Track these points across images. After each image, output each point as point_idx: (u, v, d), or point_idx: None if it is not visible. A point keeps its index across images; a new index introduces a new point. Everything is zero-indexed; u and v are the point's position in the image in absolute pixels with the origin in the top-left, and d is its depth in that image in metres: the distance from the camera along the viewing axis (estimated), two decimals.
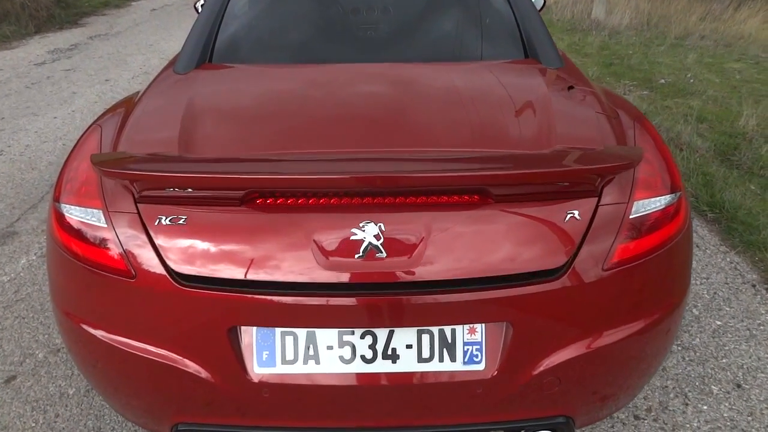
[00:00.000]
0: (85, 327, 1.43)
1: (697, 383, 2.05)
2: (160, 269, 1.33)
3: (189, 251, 1.32)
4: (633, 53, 6.77)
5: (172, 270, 1.32)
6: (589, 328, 1.39)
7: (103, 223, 1.38)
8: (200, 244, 1.31)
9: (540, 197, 1.35)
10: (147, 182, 1.33)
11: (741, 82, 5.65)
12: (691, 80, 5.67)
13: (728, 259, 2.80)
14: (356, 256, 1.28)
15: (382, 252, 1.28)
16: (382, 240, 1.28)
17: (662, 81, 5.70)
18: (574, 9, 9.13)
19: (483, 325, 1.34)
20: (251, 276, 1.29)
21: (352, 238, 1.28)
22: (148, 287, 1.35)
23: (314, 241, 1.29)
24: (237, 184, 1.29)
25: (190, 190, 1.31)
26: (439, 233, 1.30)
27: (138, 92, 1.99)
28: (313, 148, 1.49)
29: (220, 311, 1.33)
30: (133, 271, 1.35)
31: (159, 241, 1.33)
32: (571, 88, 1.82)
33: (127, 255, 1.35)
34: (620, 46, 7.17)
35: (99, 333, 1.41)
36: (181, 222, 1.32)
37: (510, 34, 2.20)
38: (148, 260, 1.34)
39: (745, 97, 5.03)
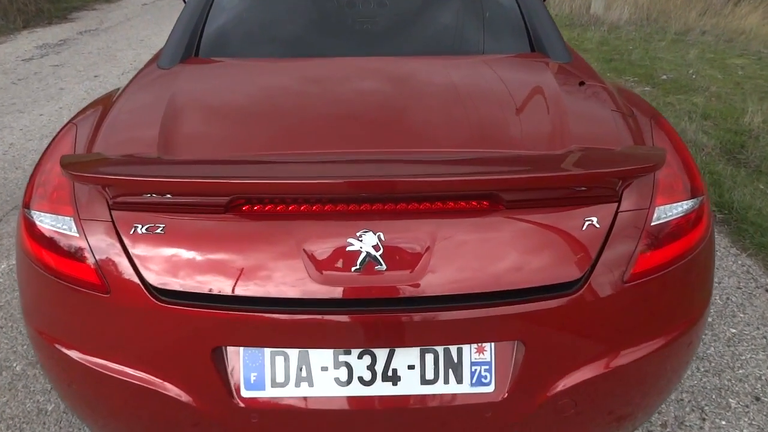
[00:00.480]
0: (58, 347, 1.31)
1: (713, 396, 1.94)
2: (136, 284, 1.20)
3: (168, 264, 1.19)
4: (633, 49, 6.65)
5: (150, 284, 1.20)
6: (607, 345, 1.28)
7: (74, 233, 1.26)
8: (180, 256, 1.19)
9: (555, 203, 1.23)
10: (120, 187, 1.21)
11: (744, 78, 5.54)
12: (694, 76, 5.56)
13: (740, 262, 2.69)
14: (353, 269, 1.16)
15: (381, 264, 1.16)
16: (381, 251, 1.16)
17: (664, 77, 5.59)
18: (572, 4, 9.01)
19: (492, 344, 1.22)
20: (237, 291, 1.17)
21: (349, 249, 1.16)
22: (124, 303, 1.23)
23: (306, 252, 1.17)
24: (221, 190, 1.17)
25: (168, 195, 1.19)
26: (445, 243, 1.18)
27: (119, 88, 1.86)
28: (305, 149, 1.37)
29: (203, 330, 1.21)
30: (107, 285, 1.22)
31: (135, 252, 1.20)
32: (582, 83, 1.70)
33: (100, 268, 1.22)
34: (620, 42, 7.06)
35: (73, 353, 1.29)
36: (159, 231, 1.20)
37: (515, 26, 2.07)
38: (124, 274, 1.21)
39: (749, 94, 4.93)
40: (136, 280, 1.20)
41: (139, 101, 1.64)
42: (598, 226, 1.23)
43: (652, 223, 1.28)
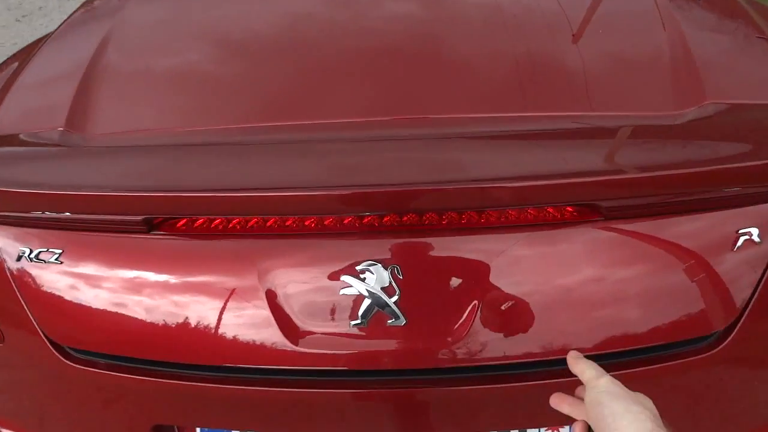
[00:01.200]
0: None
1: None
2: (35, 335, 0.80)
3: (69, 311, 0.78)
4: None
5: (50, 338, 0.79)
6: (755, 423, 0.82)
7: None
8: (87, 298, 0.77)
9: (684, 207, 0.74)
10: None
11: None
12: None
13: None
14: (352, 323, 0.72)
15: (398, 317, 0.71)
16: (398, 296, 0.71)
17: None
18: None
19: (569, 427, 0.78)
20: (175, 353, 0.76)
21: (344, 292, 0.71)
22: (23, 357, 0.84)
23: (274, 295, 0.73)
24: (137, 206, 0.72)
25: (67, 213, 0.76)
26: (504, 281, 0.71)
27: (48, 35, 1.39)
28: (286, 120, 0.89)
29: (135, 403, 0.81)
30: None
31: (25, 291, 0.79)
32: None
33: None
34: None
35: None
36: (54, 260, 0.78)
37: None
38: (17, 319, 0.81)
39: None
40: (36, 330, 0.80)
41: (64, 48, 1.17)
42: (759, 240, 0.74)
43: None
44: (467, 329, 0.71)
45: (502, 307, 0.71)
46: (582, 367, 0.57)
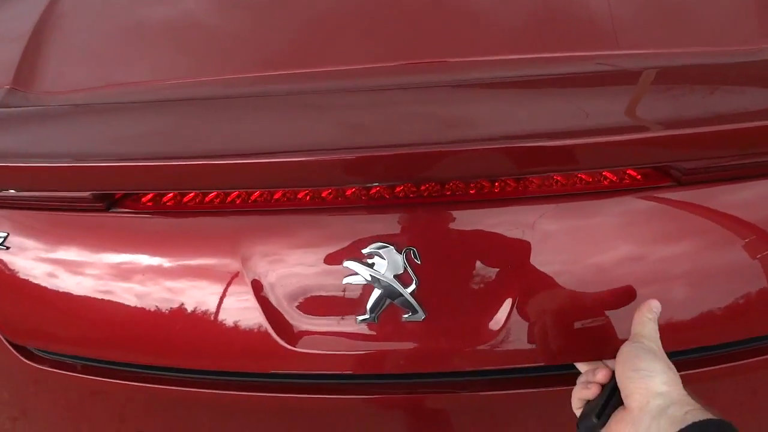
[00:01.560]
0: None
1: None
2: None
3: (19, 304, 0.65)
4: None
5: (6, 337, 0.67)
6: None
7: None
8: (39, 289, 0.64)
9: None
10: None
11: None
12: None
13: None
14: (360, 319, 0.58)
15: (416, 311, 0.57)
16: (415, 285, 0.57)
17: None
18: None
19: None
20: (143, 353, 0.63)
21: (348, 281, 0.57)
22: None
23: (264, 287, 0.59)
24: (96, 179, 0.58)
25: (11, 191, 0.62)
26: (547, 265, 0.57)
27: None
28: (273, 69, 0.72)
29: (107, 409, 0.69)
30: None
31: None
32: None
33: None
34: None
35: None
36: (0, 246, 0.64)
37: None
38: None
39: None
40: None
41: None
42: None
43: None
44: (502, 326, 0.57)
45: (547, 298, 0.57)
46: (644, 320, 0.52)
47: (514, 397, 0.61)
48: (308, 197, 0.59)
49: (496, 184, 0.57)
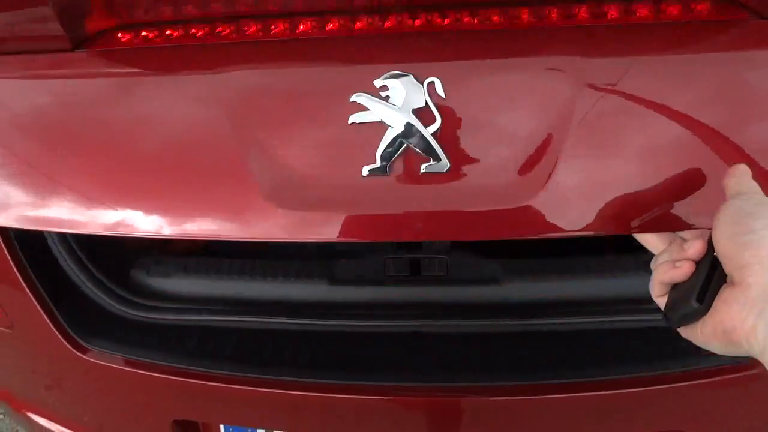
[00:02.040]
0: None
1: None
2: (39, 318, 0.58)
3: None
4: None
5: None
6: None
7: None
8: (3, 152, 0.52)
9: None
10: None
11: None
12: None
13: None
14: (368, 169, 0.46)
15: (440, 159, 0.45)
16: (438, 125, 0.45)
17: None
18: None
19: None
20: (119, 225, 0.51)
21: (355, 119, 0.46)
22: (32, 345, 0.62)
23: (250, 133, 0.48)
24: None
25: None
26: (604, 108, 0.46)
27: None
28: None
29: (154, 396, 0.61)
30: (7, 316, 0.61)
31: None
32: None
33: None
34: None
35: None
36: None
37: None
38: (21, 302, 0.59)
39: None
40: (39, 313, 0.58)
41: None
42: None
43: None
44: (546, 182, 0.45)
45: (606, 149, 0.45)
46: (741, 177, 0.40)
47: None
48: (311, 27, 0.49)
49: (540, 9, 0.47)
